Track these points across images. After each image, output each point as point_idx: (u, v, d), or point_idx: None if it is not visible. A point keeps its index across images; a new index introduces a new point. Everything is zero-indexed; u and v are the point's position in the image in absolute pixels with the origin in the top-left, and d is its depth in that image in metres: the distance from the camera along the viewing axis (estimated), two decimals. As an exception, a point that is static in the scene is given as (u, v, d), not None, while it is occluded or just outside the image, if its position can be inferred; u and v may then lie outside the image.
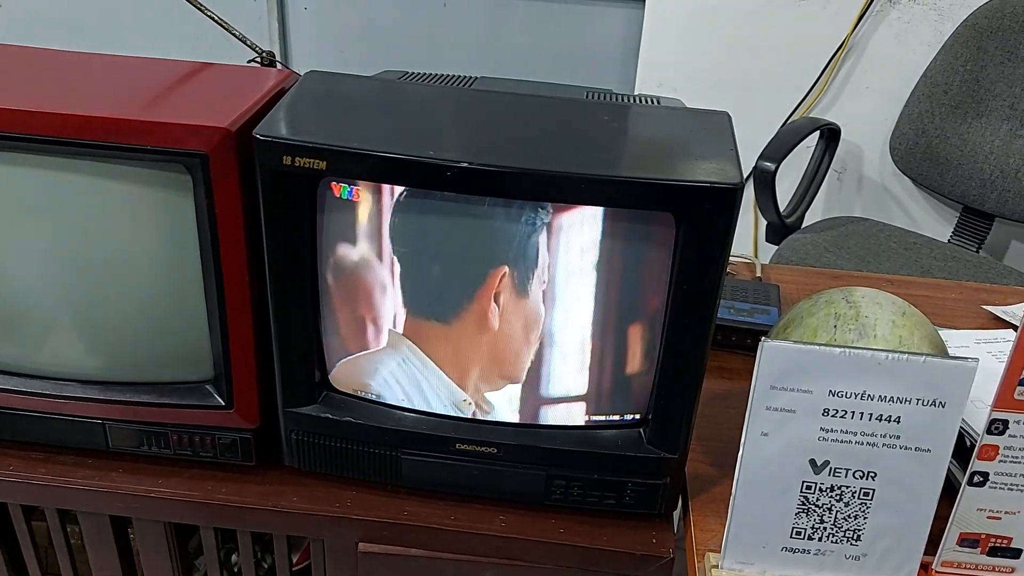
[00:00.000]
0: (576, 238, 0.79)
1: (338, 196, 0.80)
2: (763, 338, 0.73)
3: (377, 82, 0.91)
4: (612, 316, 0.82)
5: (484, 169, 0.74)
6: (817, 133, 1.92)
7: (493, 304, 0.82)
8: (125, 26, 2.26)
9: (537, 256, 0.79)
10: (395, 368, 0.87)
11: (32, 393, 0.91)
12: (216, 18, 0.99)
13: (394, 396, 0.89)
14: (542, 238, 0.79)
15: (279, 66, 1.00)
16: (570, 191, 0.75)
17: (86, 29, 2.27)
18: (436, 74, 1.11)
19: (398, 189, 0.78)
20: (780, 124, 2.09)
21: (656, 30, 2.10)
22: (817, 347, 0.73)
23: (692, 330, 0.80)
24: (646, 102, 0.98)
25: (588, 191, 0.75)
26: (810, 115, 2.11)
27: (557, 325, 0.83)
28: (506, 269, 0.80)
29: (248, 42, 0.99)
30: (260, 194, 0.79)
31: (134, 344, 0.89)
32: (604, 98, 1.06)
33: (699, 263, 0.77)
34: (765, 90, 2.12)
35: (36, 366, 0.91)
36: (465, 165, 0.74)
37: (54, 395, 0.91)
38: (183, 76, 0.89)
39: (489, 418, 0.88)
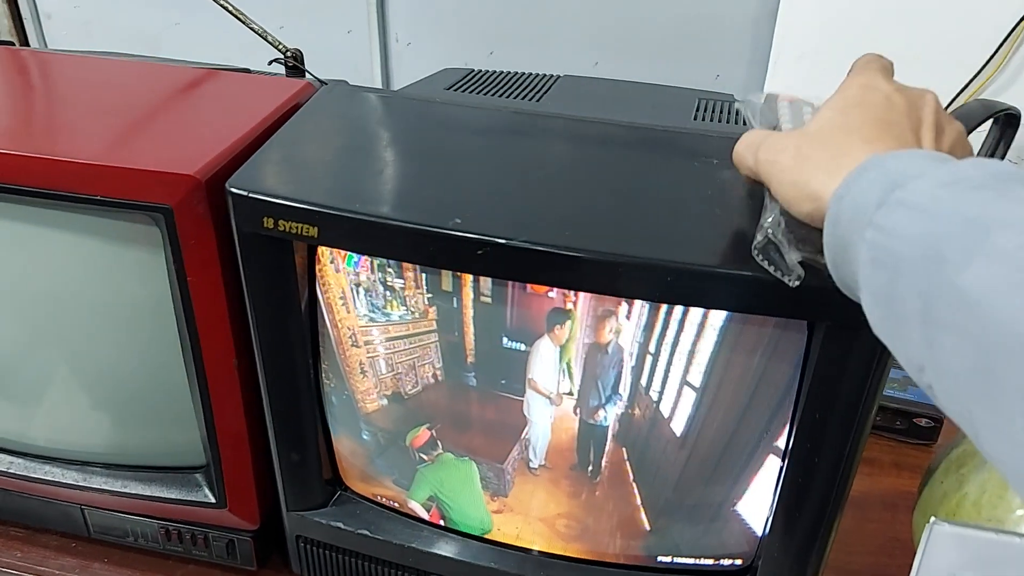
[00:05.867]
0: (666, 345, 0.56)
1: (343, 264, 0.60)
2: (932, 518, 0.49)
3: (409, 103, 0.70)
4: (709, 441, 0.60)
5: (530, 249, 0.52)
6: (991, 119, 1.59)
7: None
8: (146, 21, 2.05)
9: (610, 369, 0.57)
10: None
11: (4, 473, 0.77)
12: (232, 8, 0.80)
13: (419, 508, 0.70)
14: (616, 342, 0.56)
15: (304, 69, 0.80)
16: (655, 287, 0.51)
17: (109, 26, 2.08)
18: (506, 73, 0.89)
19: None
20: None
21: (796, -7, 1.79)
22: (1011, 537, 0.48)
23: (826, 468, 0.57)
24: (773, 106, 0.72)
25: (683, 289, 0.51)
26: (982, 97, 1.77)
27: (636, 449, 0.61)
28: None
29: (270, 38, 0.80)
30: (240, 261, 0.60)
31: (112, 421, 0.73)
32: (721, 110, 0.82)
33: (840, 386, 0.54)
34: (925, 65, 1.77)
35: (5, 440, 0.76)
36: (502, 242, 0.52)
37: (25, 476, 0.76)
38: (172, 93, 0.71)
39: (538, 548, 0.68)
